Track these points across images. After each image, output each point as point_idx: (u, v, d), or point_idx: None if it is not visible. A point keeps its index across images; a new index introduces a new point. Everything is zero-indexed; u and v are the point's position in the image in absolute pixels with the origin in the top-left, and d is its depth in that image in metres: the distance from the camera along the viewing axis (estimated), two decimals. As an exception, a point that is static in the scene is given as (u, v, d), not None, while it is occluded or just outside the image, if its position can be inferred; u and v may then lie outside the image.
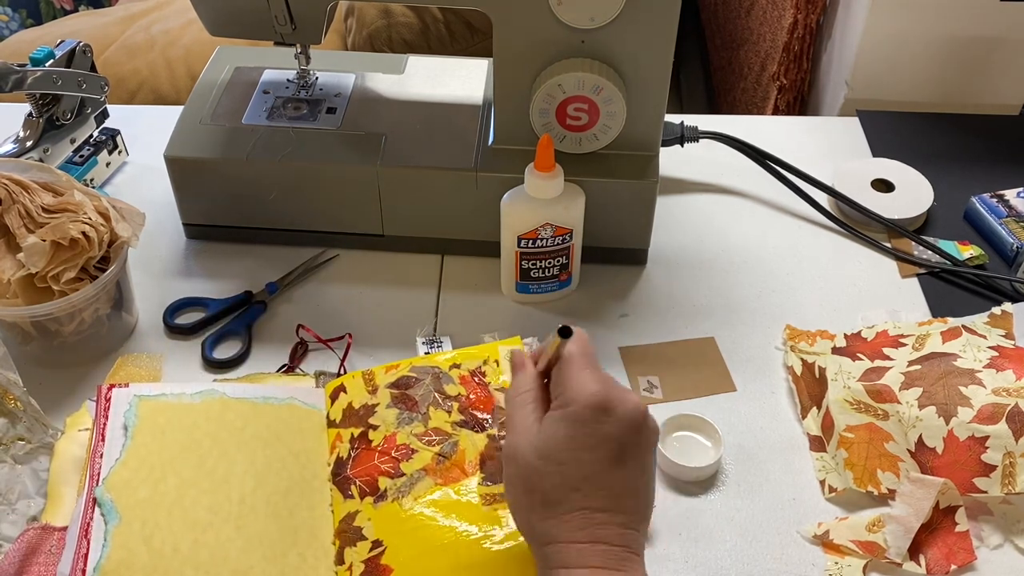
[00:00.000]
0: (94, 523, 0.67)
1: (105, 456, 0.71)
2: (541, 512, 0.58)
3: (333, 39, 1.71)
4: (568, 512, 0.57)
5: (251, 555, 0.68)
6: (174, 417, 0.74)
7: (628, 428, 0.58)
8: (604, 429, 0.57)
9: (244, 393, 0.77)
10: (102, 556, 0.66)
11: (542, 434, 0.58)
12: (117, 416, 0.73)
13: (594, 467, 0.57)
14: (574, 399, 0.58)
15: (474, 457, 0.73)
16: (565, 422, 0.58)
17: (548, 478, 0.57)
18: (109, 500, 0.68)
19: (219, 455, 0.73)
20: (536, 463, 0.58)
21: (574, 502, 0.57)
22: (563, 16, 0.82)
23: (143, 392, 0.75)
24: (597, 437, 0.57)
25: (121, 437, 0.72)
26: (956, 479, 0.74)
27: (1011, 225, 0.98)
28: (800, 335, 0.88)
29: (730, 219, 1.02)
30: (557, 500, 0.57)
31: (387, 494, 0.71)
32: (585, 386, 0.58)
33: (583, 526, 0.57)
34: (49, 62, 0.93)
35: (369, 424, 0.76)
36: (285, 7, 0.87)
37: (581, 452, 0.57)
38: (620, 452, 0.57)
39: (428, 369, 0.79)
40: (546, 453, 0.58)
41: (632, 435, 0.58)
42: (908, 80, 1.18)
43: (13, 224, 0.78)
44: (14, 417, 0.75)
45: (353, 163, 0.90)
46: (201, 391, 0.76)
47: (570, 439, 0.57)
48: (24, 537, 0.69)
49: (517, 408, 0.61)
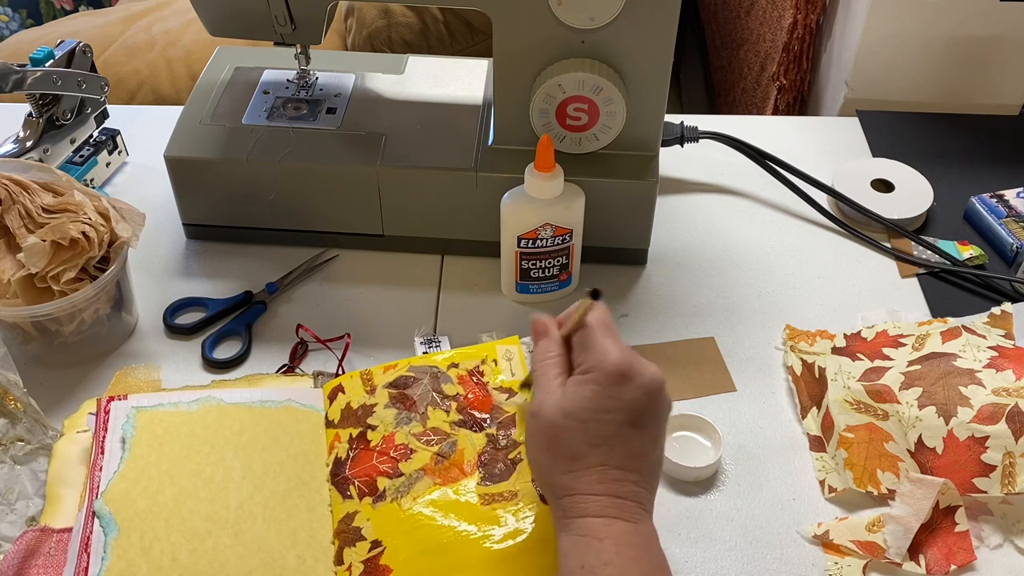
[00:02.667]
0: (94, 536, 0.68)
1: (104, 469, 0.72)
2: (563, 465, 0.62)
3: (333, 39, 1.71)
4: (587, 467, 0.61)
5: (249, 561, 0.68)
6: (171, 427, 0.75)
7: (646, 395, 0.62)
8: (625, 394, 0.61)
9: (241, 398, 0.78)
10: (102, 569, 0.66)
11: (567, 395, 0.62)
12: (115, 429, 0.74)
13: (613, 428, 0.61)
14: (597, 365, 0.62)
15: (473, 457, 0.73)
16: (589, 385, 0.62)
17: (570, 434, 0.61)
18: (108, 513, 0.69)
19: (216, 462, 0.73)
20: (561, 421, 0.62)
21: (593, 458, 0.61)
22: (563, 16, 0.82)
23: (141, 403, 0.76)
24: (618, 400, 0.61)
25: (119, 450, 0.73)
26: (956, 479, 0.74)
27: (1011, 225, 0.98)
28: (800, 335, 0.88)
29: (730, 219, 1.02)
30: (578, 455, 0.61)
31: (386, 494, 0.71)
32: (609, 353, 0.62)
33: (601, 480, 0.61)
34: (49, 62, 0.93)
35: (367, 424, 0.76)
36: (285, 7, 0.87)
37: (602, 413, 0.61)
38: (637, 417, 0.62)
39: (426, 369, 0.79)
40: (570, 412, 0.61)
41: (649, 402, 0.62)
42: (908, 80, 1.18)
43: (13, 224, 0.78)
44: (14, 418, 0.75)
45: (353, 163, 0.90)
46: (198, 399, 0.77)
47: (593, 400, 0.61)
48: (23, 539, 0.69)
49: (543, 371, 0.65)
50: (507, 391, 0.77)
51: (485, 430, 0.74)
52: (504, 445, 0.74)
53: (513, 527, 0.69)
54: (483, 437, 0.74)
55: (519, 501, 0.70)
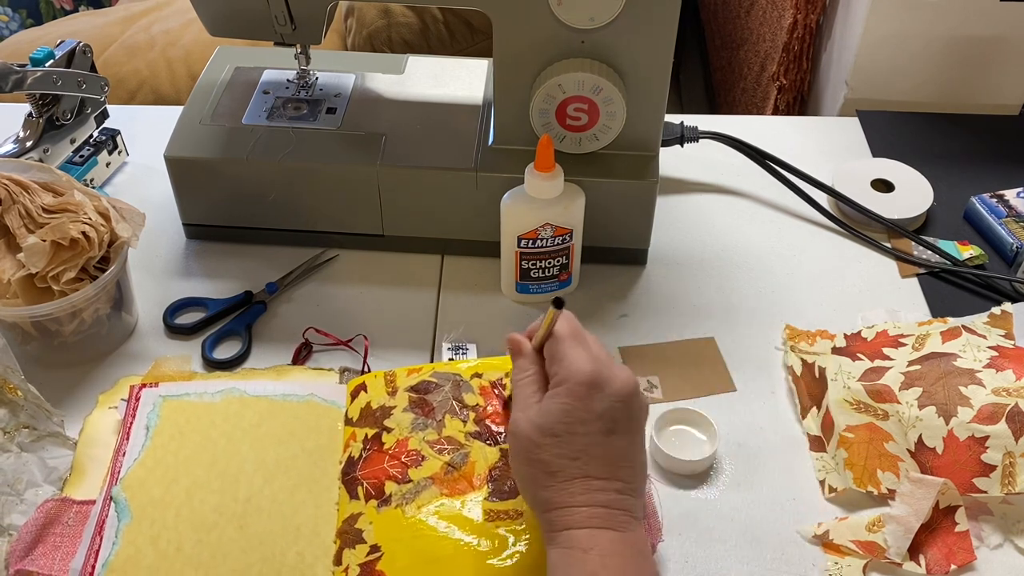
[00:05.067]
0: (108, 520, 0.70)
1: (127, 455, 0.74)
2: (543, 481, 0.62)
3: (333, 39, 1.71)
4: (568, 480, 0.61)
5: (251, 555, 0.69)
6: (193, 416, 0.77)
7: (620, 401, 0.62)
8: (597, 404, 0.61)
9: (264, 391, 0.79)
10: (111, 553, 0.68)
11: (541, 411, 0.62)
12: (142, 417, 0.76)
13: (589, 439, 0.61)
14: (568, 377, 0.62)
15: (483, 471, 0.72)
16: (560, 398, 0.62)
17: (547, 449, 0.61)
18: (124, 499, 0.71)
19: (231, 454, 0.74)
20: (535, 437, 0.62)
21: (572, 470, 0.61)
22: (563, 16, 0.82)
23: (169, 392, 0.78)
24: (591, 412, 0.61)
25: (143, 437, 0.75)
26: (956, 479, 0.74)
27: (1011, 225, 0.98)
28: (800, 335, 0.88)
29: (730, 219, 1.02)
30: (557, 469, 0.61)
31: (391, 499, 0.71)
32: (577, 364, 0.62)
33: (582, 491, 0.61)
34: (49, 62, 0.93)
35: (384, 426, 0.75)
36: (285, 7, 0.87)
37: (576, 425, 0.61)
38: (613, 424, 0.62)
39: (449, 376, 0.78)
40: (544, 427, 0.62)
41: (623, 408, 0.62)
42: (908, 80, 1.18)
43: (13, 224, 0.78)
44: (15, 406, 0.76)
45: (353, 163, 0.90)
46: (222, 390, 0.79)
47: (565, 414, 0.61)
48: (43, 508, 0.71)
49: (519, 389, 0.65)
50: None
51: (500, 445, 0.73)
52: None
53: (514, 546, 0.68)
54: (497, 452, 0.73)
55: (523, 521, 0.69)
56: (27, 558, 0.69)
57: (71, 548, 0.70)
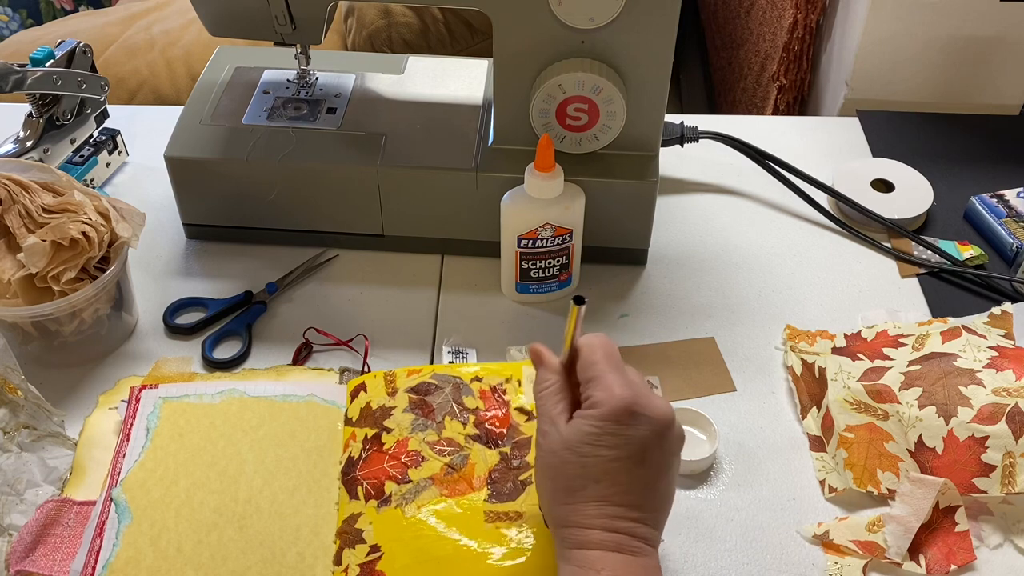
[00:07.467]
0: (108, 521, 0.70)
1: (127, 456, 0.74)
2: (562, 497, 0.61)
3: (333, 39, 1.71)
4: (586, 501, 0.60)
5: (251, 555, 0.69)
6: (193, 418, 0.77)
7: (653, 433, 0.60)
8: (630, 432, 0.60)
9: (264, 391, 0.79)
10: (112, 555, 0.68)
11: (571, 427, 0.61)
12: (142, 418, 0.77)
13: (614, 464, 0.60)
14: (603, 400, 0.60)
15: (483, 473, 0.72)
16: (593, 421, 0.60)
17: (570, 467, 0.61)
18: (124, 501, 0.71)
19: (231, 456, 0.74)
20: (562, 453, 0.61)
21: (592, 492, 0.60)
22: (563, 16, 0.82)
23: (169, 394, 0.78)
24: (621, 438, 0.60)
25: (143, 439, 0.75)
26: (956, 479, 0.74)
27: (1011, 225, 0.98)
28: (800, 335, 0.88)
29: (730, 219, 1.02)
30: (578, 488, 0.61)
31: (391, 499, 0.71)
32: (614, 390, 0.61)
33: (599, 515, 0.60)
34: (49, 62, 0.93)
35: (384, 426, 0.75)
36: (285, 7, 0.87)
37: (604, 450, 0.60)
38: (642, 454, 0.60)
39: (449, 378, 0.78)
40: (571, 445, 0.61)
41: (656, 439, 0.61)
42: (908, 80, 1.18)
43: (13, 224, 0.78)
44: (15, 406, 0.76)
45: (353, 163, 0.90)
46: (222, 391, 0.79)
47: (595, 437, 0.60)
48: (44, 508, 0.71)
49: (542, 401, 0.64)
50: (528, 414, 0.76)
51: (499, 448, 0.74)
52: (516, 465, 0.73)
53: (514, 548, 0.68)
54: (496, 455, 0.73)
55: (523, 523, 0.69)
56: (27, 559, 0.69)
57: (71, 549, 0.70)
